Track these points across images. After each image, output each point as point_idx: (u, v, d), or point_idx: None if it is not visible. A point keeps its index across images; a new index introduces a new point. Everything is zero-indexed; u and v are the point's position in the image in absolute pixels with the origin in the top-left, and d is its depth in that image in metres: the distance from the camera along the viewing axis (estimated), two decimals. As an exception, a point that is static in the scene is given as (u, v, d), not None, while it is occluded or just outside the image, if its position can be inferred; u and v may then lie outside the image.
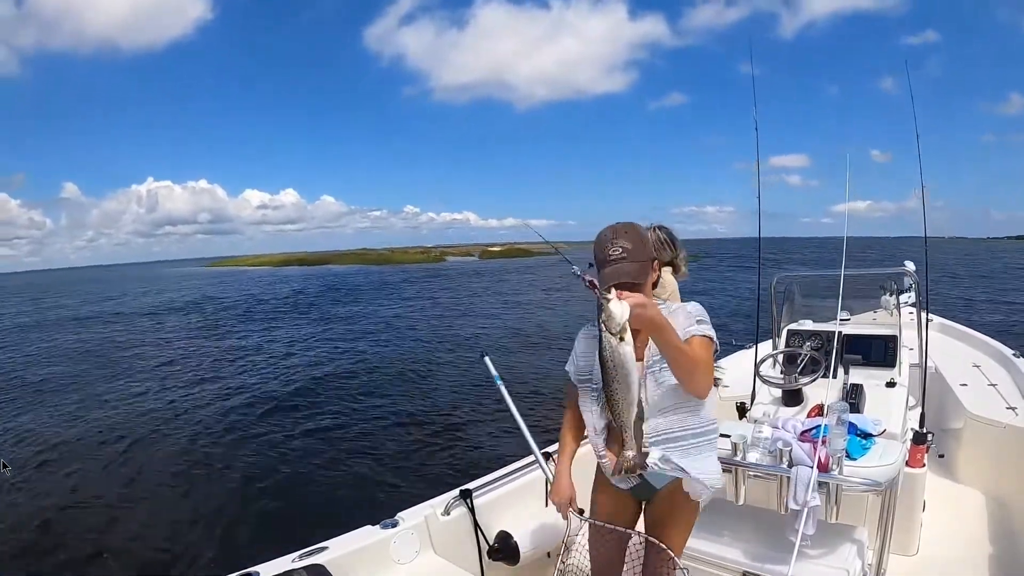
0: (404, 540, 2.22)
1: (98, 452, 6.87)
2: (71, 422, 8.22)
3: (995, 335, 4.38)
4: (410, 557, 2.22)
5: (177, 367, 12.02)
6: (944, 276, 22.85)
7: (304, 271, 60.09)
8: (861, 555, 1.77)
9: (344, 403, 8.60)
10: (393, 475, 5.70)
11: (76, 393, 9.96)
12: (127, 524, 5.00)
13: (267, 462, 6.33)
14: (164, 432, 7.53)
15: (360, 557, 2.10)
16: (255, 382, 10.26)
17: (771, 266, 5.49)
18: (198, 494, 5.59)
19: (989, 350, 4.16)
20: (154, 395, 9.62)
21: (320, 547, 2.07)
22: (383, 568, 2.15)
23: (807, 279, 3.83)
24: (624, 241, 1.54)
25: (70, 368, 12.40)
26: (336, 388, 9.52)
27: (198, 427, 7.71)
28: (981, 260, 36.59)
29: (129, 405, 9.03)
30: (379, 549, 2.16)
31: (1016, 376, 3.58)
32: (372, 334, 15.38)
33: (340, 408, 8.33)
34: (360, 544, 2.13)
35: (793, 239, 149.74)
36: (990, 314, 11.43)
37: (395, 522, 2.26)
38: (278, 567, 1.92)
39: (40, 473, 6.22)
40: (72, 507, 5.36)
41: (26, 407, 9.21)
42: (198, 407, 8.73)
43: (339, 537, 2.17)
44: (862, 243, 28.16)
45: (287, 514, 4.99)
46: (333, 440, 6.94)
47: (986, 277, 23.76)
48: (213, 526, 4.90)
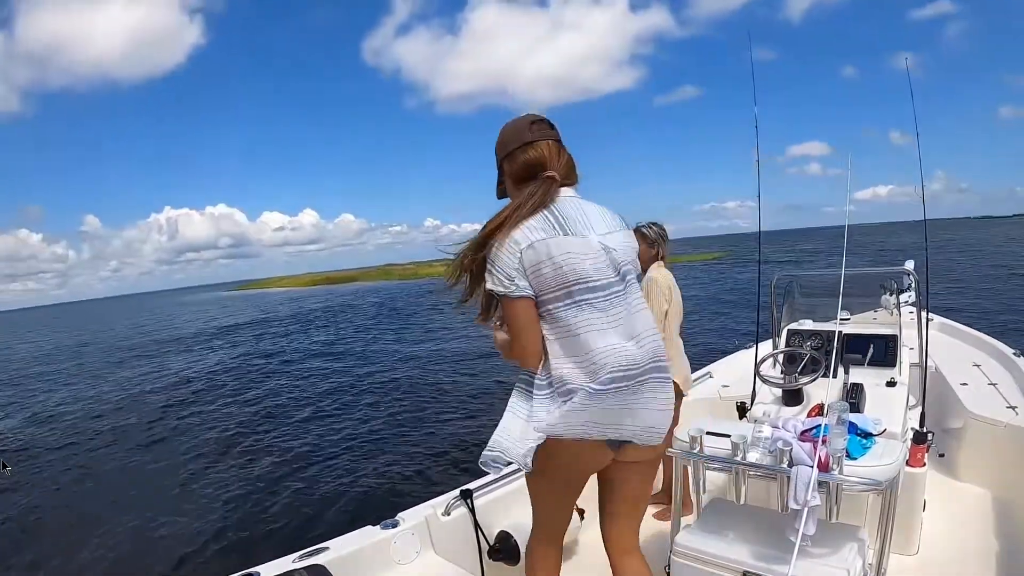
0: (404, 540, 2.22)
1: (99, 452, 6.88)
2: (77, 421, 8.25)
3: (995, 334, 4.39)
4: (410, 557, 2.22)
5: (189, 378, 12.04)
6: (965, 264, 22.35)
7: (334, 289, 60.01)
8: (861, 554, 1.77)
9: (345, 404, 8.61)
10: (393, 475, 5.71)
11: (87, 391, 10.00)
12: (127, 524, 5.00)
13: (267, 463, 6.34)
14: (166, 434, 7.53)
15: (360, 557, 2.10)
16: (261, 389, 10.27)
17: (790, 262, 5.49)
18: (199, 495, 5.59)
19: (989, 349, 4.16)
20: (160, 400, 9.63)
21: (320, 547, 2.07)
22: (383, 568, 2.15)
23: (807, 279, 3.83)
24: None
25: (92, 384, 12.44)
26: (340, 391, 9.53)
27: (200, 429, 7.71)
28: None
29: (130, 405, 9.03)
30: (379, 549, 2.17)
31: (1016, 375, 3.58)
32: (386, 342, 15.38)
33: (341, 408, 8.34)
34: (360, 544, 2.13)
35: (817, 229, 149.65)
36: (990, 314, 11.45)
37: (395, 522, 2.26)
38: (278, 567, 1.92)
39: (40, 473, 6.21)
40: (72, 507, 5.37)
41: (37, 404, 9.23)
42: (201, 411, 8.73)
43: (339, 537, 2.17)
44: (887, 229, 27.94)
45: (287, 514, 5.00)
46: (334, 441, 6.95)
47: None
48: (213, 526, 4.91)
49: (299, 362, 12.61)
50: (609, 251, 1.39)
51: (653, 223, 3.05)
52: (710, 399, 3.65)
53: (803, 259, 31.85)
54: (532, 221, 1.33)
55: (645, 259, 3.02)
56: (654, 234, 3.03)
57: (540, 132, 1.42)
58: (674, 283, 3.03)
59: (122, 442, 7.34)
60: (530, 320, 1.33)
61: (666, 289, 2.97)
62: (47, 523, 5.08)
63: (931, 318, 4.04)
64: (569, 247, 1.32)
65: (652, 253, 3.03)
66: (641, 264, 3.02)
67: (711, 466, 1.99)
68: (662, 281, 2.96)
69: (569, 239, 1.33)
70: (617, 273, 1.40)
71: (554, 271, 1.31)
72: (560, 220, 1.35)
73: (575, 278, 1.32)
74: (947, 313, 5.31)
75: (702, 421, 2.09)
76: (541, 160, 1.40)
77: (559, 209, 1.37)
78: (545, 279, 1.31)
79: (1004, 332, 5.70)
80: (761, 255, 3.57)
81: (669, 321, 3.00)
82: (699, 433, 1.94)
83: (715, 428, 1.99)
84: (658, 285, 2.94)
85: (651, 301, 2.92)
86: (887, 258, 16.55)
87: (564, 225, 1.35)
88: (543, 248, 1.30)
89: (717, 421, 2.14)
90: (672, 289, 3.01)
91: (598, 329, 1.33)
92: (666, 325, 2.97)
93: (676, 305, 3.04)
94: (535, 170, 1.40)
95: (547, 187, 1.37)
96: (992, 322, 9.33)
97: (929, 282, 3.41)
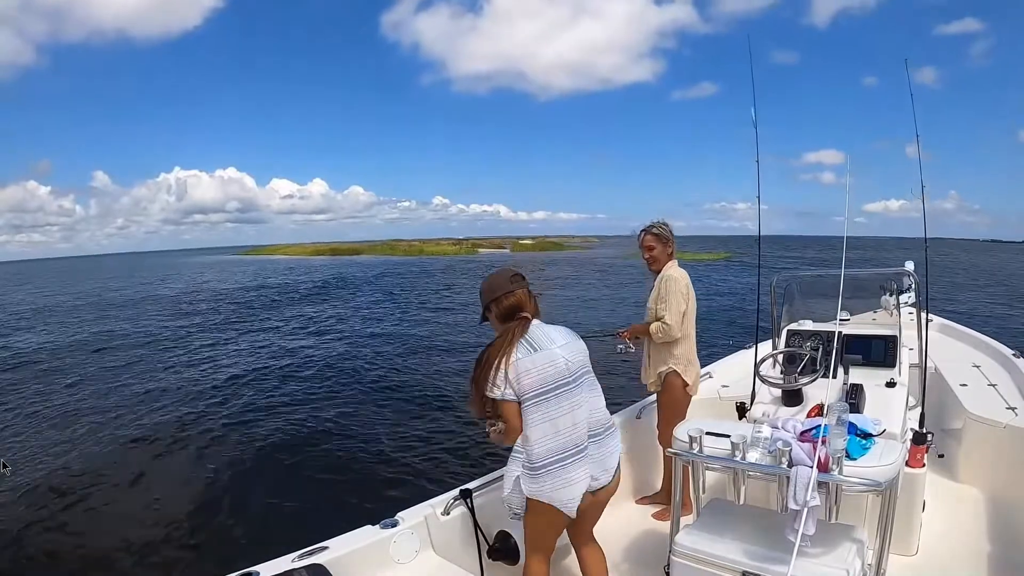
0: (404, 540, 2.23)
1: (99, 451, 6.87)
2: (72, 416, 8.24)
3: (995, 335, 4.39)
4: (410, 557, 2.22)
5: (185, 363, 12.00)
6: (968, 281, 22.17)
7: (340, 260, 59.68)
8: (861, 555, 1.77)
9: (346, 402, 8.61)
10: (393, 475, 5.70)
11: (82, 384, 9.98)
12: (127, 524, 5.00)
13: (267, 462, 6.33)
14: (166, 432, 7.52)
15: (360, 557, 2.10)
16: (259, 380, 10.26)
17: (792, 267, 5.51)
18: (198, 494, 5.59)
19: (989, 350, 4.17)
20: (156, 394, 9.62)
21: (320, 547, 2.07)
22: (383, 568, 2.15)
23: (807, 279, 3.84)
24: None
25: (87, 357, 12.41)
26: (339, 387, 9.52)
27: (199, 427, 7.71)
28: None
29: (131, 404, 9.03)
30: (379, 549, 2.17)
31: (1016, 376, 3.58)
32: (386, 329, 15.30)
33: (341, 408, 8.33)
34: (360, 544, 2.14)
35: (825, 237, 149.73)
36: (990, 314, 11.43)
37: (395, 522, 2.26)
38: (278, 567, 1.92)
39: (41, 473, 6.21)
40: (71, 507, 5.36)
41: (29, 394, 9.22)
42: (200, 407, 8.72)
43: (339, 537, 2.17)
44: (894, 242, 27.60)
45: (287, 514, 4.99)
46: (333, 439, 6.94)
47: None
48: (213, 526, 4.91)
49: (299, 352, 12.56)
50: (566, 359, 1.93)
51: (661, 223, 3.07)
52: (710, 399, 3.65)
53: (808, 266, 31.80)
54: (514, 349, 1.89)
55: (662, 258, 3.04)
56: (668, 232, 3.05)
57: (517, 284, 2.00)
58: (690, 282, 3.03)
59: (117, 436, 7.33)
60: (513, 414, 1.89)
61: (684, 288, 2.96)
62: (44, 521, 5.08)
63: (931, 319, 4.05)
64: (540, 360, 1.88)
65: (668, 251, 3.04)
66: (659, 263, 3.04)
67: (710, 466, 1.99)
68: (681, 280, 2.96)
69: (539, 354, 1.89)
70: (572, 374, 1.93)
71: (530, 379, 1.86)
72: (532, 343, 1.91)
73: (542, 383, 1.87)
74: (946, 314, 5.31)
75: (701, 421, 2.10)
76: (519, 304, 1.98)
77: (531, 335, 1.93)
78: (524, 386, 1.86)
79: (1003, 333, 5.71)
80: (764, 260, 3.57)
81: (688, 320, 3.00)
82: (698, 433, 1.95)
83: (714, 428, 1.99)
84: (677, 284, 2.94)
85: (669, 300, 2.92)
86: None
87: (534, 345, 1.91)
88: (522, 365, 1.86)
89: (717, 421, 2.14)
90: (690, 288, 3.02)
91: (550, 419, 1.87)
92: (684, 324, 2.97)
93: (693, 303, 3.05)
94: (515, 311, 1.97)
95: (524, 325, 1.94)
96: (992, 323, 9.33)
97: (928, 283, 3.41)
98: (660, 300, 2.96)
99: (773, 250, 33.49)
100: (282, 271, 43.13)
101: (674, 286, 2.93)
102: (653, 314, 3.00)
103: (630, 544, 2.83)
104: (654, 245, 3.03)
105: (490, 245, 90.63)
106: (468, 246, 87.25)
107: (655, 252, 3.03)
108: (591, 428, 1.96)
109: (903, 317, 3.25)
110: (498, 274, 2.03)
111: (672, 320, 2.90)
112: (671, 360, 3.00)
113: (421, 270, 37.76)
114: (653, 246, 3.03)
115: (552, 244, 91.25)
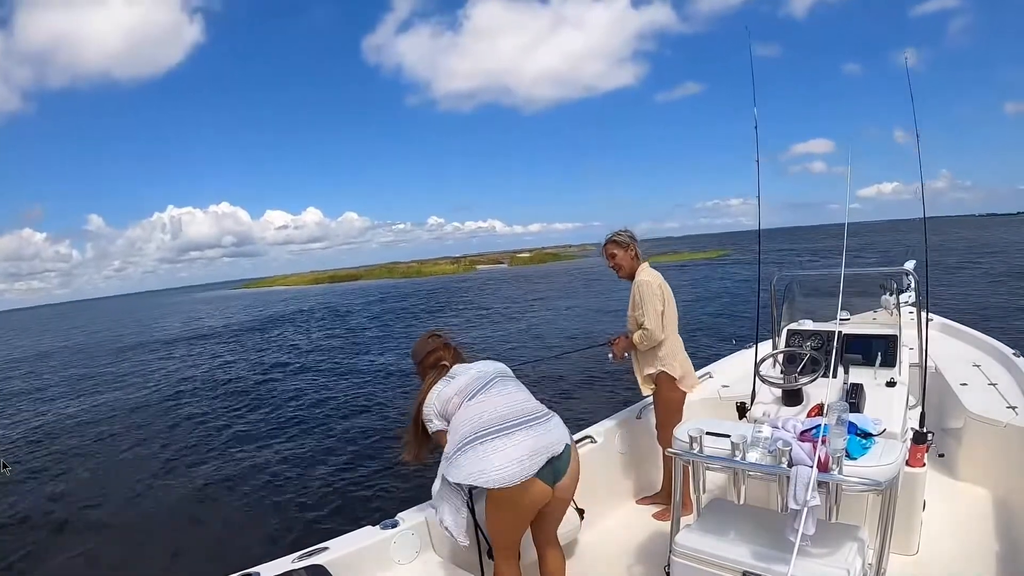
0: (404, 540, 2.23)
1: (99, 450, 6.88)
2: (79, 423, 8.25)
3: (995, 335, 4.39)
4: (410, 557, 2.22)
5: (193, 376, 12.02)
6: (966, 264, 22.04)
7: (344, 287, 59.54)
8: (861, 554, 1.77)
9: (344, 403, 8.61)
10: (393, 475, 5.70)
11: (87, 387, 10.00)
12: (127, 524, 5.00)
13: (267, 463, 6.34)
14: (166, 433, 7.53)
15: (360, 557, 2.10)
16: (261, 390, 10.27)
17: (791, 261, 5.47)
18: (198, 495, 5.60)
19: (989, 349, 4.16)
20: (160, 397, 9.62)
21: (320, 547, 2.07)
22: (383, 568, 2.15)
23: (807, 279, 3.83)
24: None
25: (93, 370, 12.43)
26: (339, 391, 9.53)
27: (200, 428, 7.71)
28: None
29: (131, 404, 9.03)
30: (379, 549, 2.17)
31: (1016, 375, 3.58)
32: (385, 344, 15.32)
33: (341, 408, 8.34)
34: (360, 544, 2.14)
35: (821, 227, 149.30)
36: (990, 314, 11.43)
37: (395, 522, 2.26)
38: (278, 567, 1.92)
39: (40, 472, 6.21)
40: (71, 507, 5.37)
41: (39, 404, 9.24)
42: (202, 410, 8.73)
43: (339, 537, 2.17)
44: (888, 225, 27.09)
45: (287, 514, 4.99)
46: (334, 441, 6.95)
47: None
48: (213, 526, 4.92)
49: (300, 361, 12.61)
50: (479, 370, 2.18)
51: (620, 231, 3.12)
52: (710, 399, 3.65)
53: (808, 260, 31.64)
54: (437, 387, 2.14)
55: (627, 263, 3.08)
56: (624, 238, 3.09)
57: (434, 342, 2.28)
58: (663, 280, 3.05)
59: (120, 442, 7.34)
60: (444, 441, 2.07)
61: (658, 288, 2.98)
62: (45, 520, 5.09)
63: (931, 318, 4.04)
64: (455, 384, 2.11)
65: (630, 254, 3.08)
66: (626, 270, 3.07)
67: (711, 466, 1.99)
68: (653, 282, 2.98)
69: (454, 380, 2.13)
70: (485, 378, 2.14)
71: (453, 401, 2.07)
72: (449, 376, 2.17)
73: (459, 393, 2.08)
74: (947, 313, 5.31)
75: (701, 421, 2.09)
76: (438, 357, 2.24)
77: (449, 373, 2.18)
78: (449, 408, 2.07)
79: (1004, 332, 5.70)
80: (763, 253, 3.57)
81: (667, 320, 3.00)
82: (699, 433, 1.94)
83: (715, 428, 1.99)
84: (650, 287, 2.95)
85: (645, 305, 2.93)
86: (898, 260, 16.45)
87: (450, 376, 2.16)
88: (444, 393, 2.10)
89: (717, 421, 2.14)
90: (664, 287, 3.03)
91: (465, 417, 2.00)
92: (665, 324, 2.98)
93: (671, 302, 3.06)
94: (436, 363, 2.23)
95: (441, 370, 2.20)
96: (992, 322, 9.33)
97: (929, 282, 3.41)
98: (636, 307, 2.99)
99: (771, 244, 33.27)
100: (280, 301, 42.60)
101: (647, 289, 2.95)
102: (634, 322, 3.03)
103: (630, 544, 2.83)
104: (615, 252, 3.08)
105: (488, 261, 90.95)
106: (466, 263, 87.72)
107: (618, 259, 3.09)
108: (519, 416, 1.99)
109: (903, 316, 3.25)
110: (420, 340, 2.35)
111: (652, 324, 2.92)
112: (657, 362, 3.02)
113: (427, 291, 37.57)
114: (615, 253, 3.09)
115: (550, 255, 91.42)
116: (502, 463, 1.84)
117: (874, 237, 21.82)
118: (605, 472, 3.14)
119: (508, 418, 1.96)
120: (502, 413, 1.97)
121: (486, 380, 2.12)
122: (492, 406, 2.00)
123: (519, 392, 2.12)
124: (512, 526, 2.01)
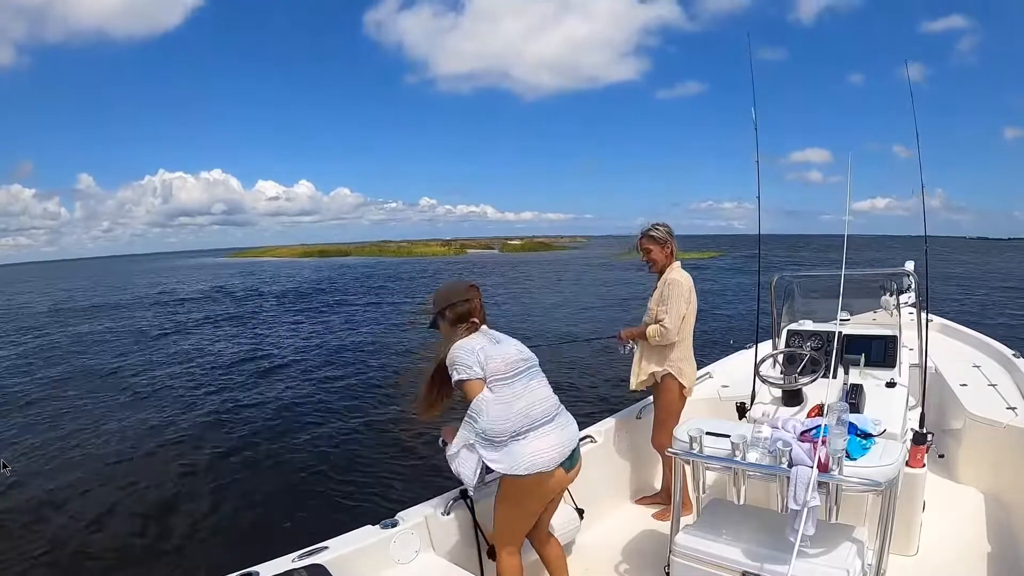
0: (404, 540, 2.22)
1: (98, 450, 6.87)
2: (74, 418, 8.23)
3: (995, 335, 4.39)
4: (410, 557, 2.22)
5: (187, 364, 11.98)
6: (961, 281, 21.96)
7: (333, 262, 59.15)
8: (861, 555, 1.77)
9: (343, 402, 8.60)
10: (393, 475, 5.70)
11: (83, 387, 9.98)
12: (126, 523, 4.99)
13: (267, 462, 6.33)
14: (164, 432, 7.52)
15: (360, 557, 2.10)
16: (259, 381, 10.25)
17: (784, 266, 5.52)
18: (197, 494, 5.59)
19: (989, 350, 4.16)
20: (155, 394, 9.61)
21: (320, 547, 2.07)
22: (383, 568, 2.15)
23: (807, 279, 3.83)
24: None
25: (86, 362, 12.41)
26: (339, 387, 9.52)
27: (197, 427, 7.70)
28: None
29: (131, 403, 9.03)
30: (379, 549, 2.17)
31: (1016, 376, 3.58)
32: (393, 333, 15.23)
33: (341, 407, 8.33)
34: (360, 544, 2.13)
35: (815, 236, 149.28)
36: (990, 314, 11.43)
37: (395, 522, 2.26)
38: (278, 567, 1.92)
39: (39, 472, 6.21)
40: (71, 507, 5.36)
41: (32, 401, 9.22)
42: (199, 407, 8.72)
43: (339, 537, 2.17)
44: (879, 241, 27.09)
45: (287, 514, 4.99)
46: (334, 440, 6.94)
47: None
48: (213, 526, 4.91)
49: (298, 353, 12.55)
50: (519, 350, 2.15)
51: (658, 224, 3.08)
52: (710, 399, 3.65)
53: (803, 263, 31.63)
54: (477, 338, 2.10)
55: (661, 259, 3.05)
56: (662, 233, 3.05)
57: (473, 293, 2.18)
58: (693, 285, 3.03)
59: (116, 437, 7.33)
60: (475, 392, 2.03)
61: (687, 292, 2.96)
62: (44, 521, 5.08)
63: (931, 319, 4.04)
64: (501, 350, 2.09)
65: (666, 252, 3.04)
66: (659, 265, 3.05)
67: (710, 466, 1.99)
68: (684, 284, 2.96)
69: (499, 346, 2.11)
70: (526, 362, 2.13)
71: (494, 364, 2.03)
72: (492, 337, 2.14)
73: (505, 368, 2.04)
74: (947, 314, 5.31)
75: (701, 421, 2.10)
76: (472, 312, 2.16)
77: (488, 333, 2.16)
78: (490, 368, 2.02)
79: (1003, 334, 5.70)
80: (761, 256, 3.56)
81: (687, 323, 3.00)
82: (698, 433, 1.94)
83: (714, 428, 1.99)
84: (680, 288, 2.93)
85: (670, 304, 2.91)
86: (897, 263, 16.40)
87: (495, 339, 2.14)
88: (489, 351, 2.06)
89: (716, 421, 2.14)
90: (692, 292, 3.01)
91: (506, 402, 2.01)
92: (683, 327, 2.97)
93: (693, 307, 3.04)
94: (467, 318, 2.15)
95: (476, 327, 2.15)
96: (992, 323, 9.32)
97: (929, 283, 3.41)
98: (661, 302, 2.96)
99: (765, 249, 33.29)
100: (269, 274, 42.54)
101: (677, 290, 2.92)
102: (653, 315, 3.00)
103: (630, 544, 2.84)
104: (651, 248, 3.05)
105: (478, 246, 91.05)
106: (457, 247, 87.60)
107: (653, 255, 3.05)
108: (544, 413, 2.08)
109: (903, 317, 3.25)
110: (455, 283, 2.25)
111: (671, 324, 2.90)
112: (666, 363, 2.99)
113: (418, 270, 37.49)
114: (650, 248, 3.05)
115: (541, 244, 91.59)
116: (535, 450, 1.98)
117: (869, 253, 21.80)
118: (605, 472, 3.14)
119: (548, 412, 2.07)
120: (534, 414, 2.04)
121: (530, 365, 2.13)
122: (540, 397, 2.08)
123: (544, 388, 2.17)
124: (530, 513, 2.11)
